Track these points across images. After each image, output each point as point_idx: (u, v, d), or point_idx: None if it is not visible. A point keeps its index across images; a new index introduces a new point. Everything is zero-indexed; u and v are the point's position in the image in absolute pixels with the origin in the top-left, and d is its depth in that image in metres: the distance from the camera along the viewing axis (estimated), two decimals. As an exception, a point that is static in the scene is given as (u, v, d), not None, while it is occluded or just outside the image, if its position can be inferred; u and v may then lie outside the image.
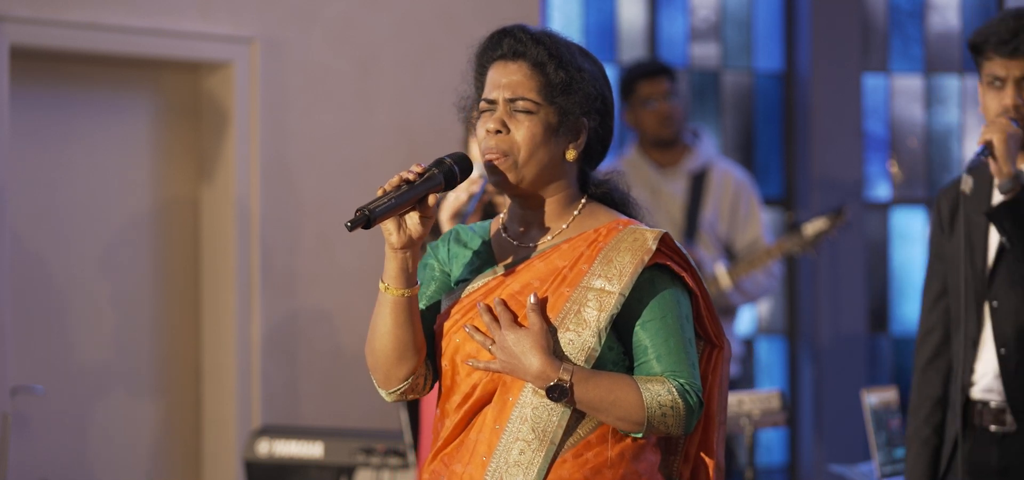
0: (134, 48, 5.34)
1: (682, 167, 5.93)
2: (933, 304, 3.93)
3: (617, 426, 2.62)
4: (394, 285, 2.65)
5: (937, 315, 3.92)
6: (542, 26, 2.78)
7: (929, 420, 3.91)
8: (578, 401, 2.59)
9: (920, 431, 3.92)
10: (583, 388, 2.59)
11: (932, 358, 3.92)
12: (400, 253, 2.63)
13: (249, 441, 5.15)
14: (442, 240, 2.82)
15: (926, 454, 3.91)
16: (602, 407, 2.60)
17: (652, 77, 5.92)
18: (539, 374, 2.58)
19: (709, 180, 5.91)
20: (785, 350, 7.46)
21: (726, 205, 5.91)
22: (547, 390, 2.58)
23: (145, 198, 5.56)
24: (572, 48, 2.72)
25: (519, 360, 2.59)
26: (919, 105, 7.65)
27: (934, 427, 3.90)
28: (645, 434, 2.62)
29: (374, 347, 2.70)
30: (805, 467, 7.39)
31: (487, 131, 2.68)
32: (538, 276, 2.67)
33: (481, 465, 2.64)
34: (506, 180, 2.68)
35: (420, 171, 2.64)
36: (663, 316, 2.64)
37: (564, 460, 2.62)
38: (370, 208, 2.57)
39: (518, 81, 2.68)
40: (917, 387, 3.94)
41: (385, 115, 5.75)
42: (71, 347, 5.41)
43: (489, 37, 2.75)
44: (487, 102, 2.70)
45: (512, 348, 2.59)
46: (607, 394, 2.59)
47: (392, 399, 2.75)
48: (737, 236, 5.90)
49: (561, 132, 2.69)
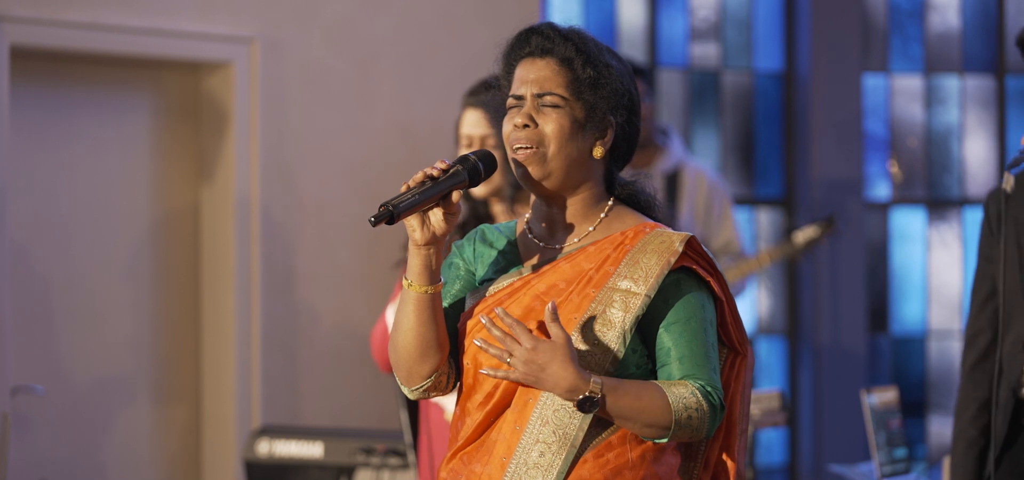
0: (134, 48, 5.34)
1: (655, 168, 5.92)
2: (982, 306, 3.89)
3: (643, 434, 2.60)
4: (417, 282, 2.63)
5: (986, 317, 3.88)
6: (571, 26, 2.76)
7: (975, 422, 3.86)
8: (608, 411, 2.57)
9: (966, 432, 3.88)
10: (613, 398, 2.56)
11: (980, 360, 3.88)
12: (424, 250, 2.62)
13: (249, 441, 5.15)
14: (468, 239, 2.80)
15: (973, 455, 3.87)
16: (631, 415, 2.58)
17: None
18: (570, 387, 2.55)
19: (682, 180, 5.89)
20: (785, 350, 7.46)
21: (700, 205, 5.89)
22: (578, 402, 2.55)
23: (145, 198, 5.56)
24: (600, 46, 2.72)
25: (543, 372, 2.56)
26: (919, 105, 7.65)
27: (981, 429, 3.86)
28: (671, 438, 2.60)
29: (397, 344, 2.68)
30: (805, 467, 7.39)
31: (515, 125, 2.67)
32: (564, 277, 2.66)
33: (500, 466, 2.62)
34: (532, 175, 2.66)
35: (444, 168, 2.63)
36: (687, 319, 2.63)
37: (585, 460, 2.61)
38: (393, 204, 2.56)
39: (546, 76, 2.67)
40: (964, 388, 3.90)
41: (385, 115, 5.75)
42: (71, 347, 5.41)
43: (517, 35, 2.74)
44: (515, 98, 2.69)
45: (535, 359, 2.56)
46: (635, 401, 2.57)
47: (415, 396, 2.73)
48: (712, 236, 5.89)
49: (589, 128, 2.68)
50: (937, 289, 7.61)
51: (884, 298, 7.56)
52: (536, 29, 2.72)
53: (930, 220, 7.62)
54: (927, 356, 7.61)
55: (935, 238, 7.62)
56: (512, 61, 2.74)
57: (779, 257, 5.79)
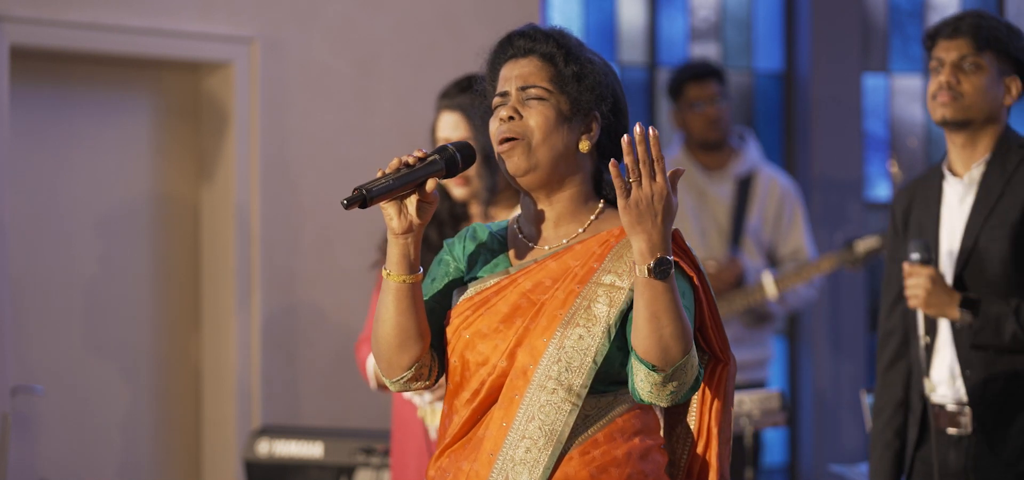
0: (134, 48, 5.34)
1: (728, 171, 5.92)
2: (891, 307, 3.94)
3: (654, 347, 2.53)
4: (396, 271, 2.65)
5: (896, 318, 3.93)
6: (552, 26, 2.78)
7: (891, 423, 3.93)
8: (664, 291, 2.51)
9: (882, 434, 3.95)
10: (672, 286, 2.52)
11: (893, 361, 3.95)
12: (401, 239, 2.64)
13: (249, 441, 5.15)
14: (459, 237, 2.81)
15: (889, 457, 3.94)
16: (668, 316, 2.52)
17: (701, 79, 5.92)
18: (659, 243, 2.51)
19: (755, 186, 5.91)
20: (785, 350, 7.46)
21: (771, 212, 5.91)
22: (656, 261, 2.50)
23: (145, 198, 5.56)
24: (582, 45, 2.75)
25: (653, 216, 2.51)
26: (919, 105, 7.65)
27: (895, 430, 3.93)
28: (672, 375, 2.55)
29: (377, 335, 2.70)
30: (805, 467, 7.39)
31: (500, 119, 2.69)
32: (551, 275, 2.67)
33: (488, 462, 2.63)
34: (518, 166, 2.67)
35: (421, 156, 2.65)
36: None
37: (570, 457, 2.61)
38: (367, 188, 2.57)
39: (530, 72, 2.71)
40: (879, 391, 3.96)
41: (385, 115, 5.75)
42: (71, 347, 5.41)
43: (500, 41, 2.77)
44: (500, 96, 2.72)
45: (656, 204, 2.51)
46: (679, 309, 2.53)
47: (396, 388, 2.74)
48: (780, 243, 5.90)
49: (574, 121, 2.69)
50: (937, 289, 7.60)
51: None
52: (518, 32, 2.76)
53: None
54: (927, 356, 7.61)
55: (935, 238, 7.62)
56: (497, 66, 2.77)
57: (839, 264, 5.79)
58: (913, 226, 3.87)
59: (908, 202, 3.92)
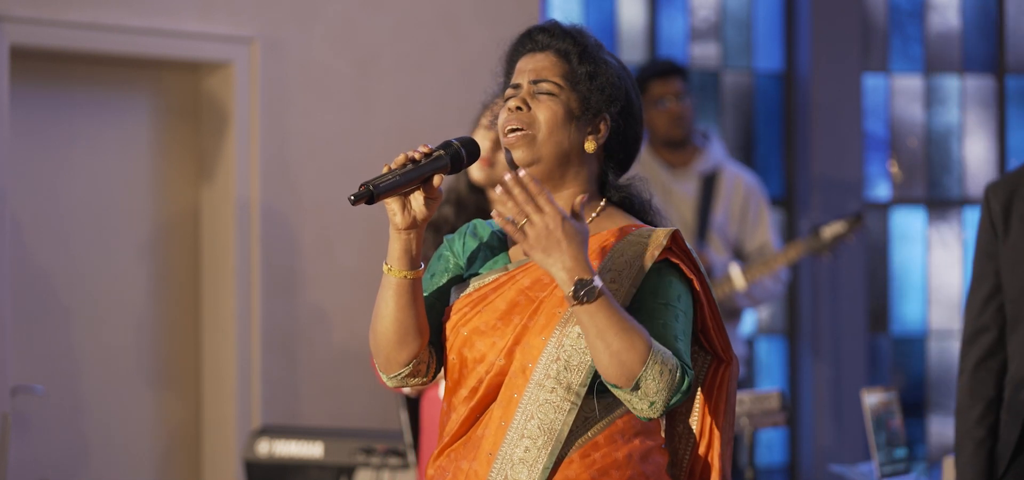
0: (134, 48, 5.34)
1: (692, 168, 5.94)
2: (984, 304, 3.80)
3: (610, 367, 2.51)
4: (397, 266, 2.64)
5: (990, 314, 3.79)
6: (573, 24, 2.79)
7: (983, 421, 3.78)
8: (596, 316, 2.49)
9: (973, 433, 3.79)
10: (607, 307, 2.49)
11: (984, 358, 3.79)
12: (404, 234, 2.63)
13: (249, 441, 5.15)
14: (459, 233, 2.81)
15: (982, 456, 3.78)
16: (612, 332, 2.49)
17: (664, 77, 5.93)
18: (574, 268, 2.49)
19: (719, 182, 5.92)
20: (785, 350, 7.46)
21: (736, 208, 5.92)
22: (576, 284, 2.49)
23: (145, 198, 5.56)
24: (601, 46, 2.76)
25: (557, 246, 2.50)
26: (919, 105, 7.65)
27: (989, 428, 3.78)
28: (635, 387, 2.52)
29: (376, 330, 2.69)
30: (805, 467, 7.39)
31: (508, 110, 2.69)
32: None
33: (487, 461, 2.62)
34: (521, 158, 2.67)
35: (426, 151, 2.64)
36: (666, 304, 2.61)
37: (571, 460, 2.60)
38: (374, 184, 2.56)
39: (544, 66, 2.71)
40: (968, 388, 3.81)
41: (385, 115, 5.75)
42: (71, 347, 5.41)
43: (520, 35, 2.78)
44: (512, 87, 2.72)
45: (555, 232, 2.50)
46: (622, 322, 2.50)
47: (393, 384, 2.73)
48: (746, 239, 5.91)
49: (582, 120, 2.69)
50: (937, 289, 7.61)
51: (884, 298, 7.57)
52: (538, 26, 2.77)
53: (930, 220, 7.63)
54: (927, 356, 7.61)
55: (935, 238, 7.62)
56: (514, 58, 2.77)
57: (806, 251, 5.79)
58: (1016, 219, 3.74)
59: (1008, 196, 3.76)
